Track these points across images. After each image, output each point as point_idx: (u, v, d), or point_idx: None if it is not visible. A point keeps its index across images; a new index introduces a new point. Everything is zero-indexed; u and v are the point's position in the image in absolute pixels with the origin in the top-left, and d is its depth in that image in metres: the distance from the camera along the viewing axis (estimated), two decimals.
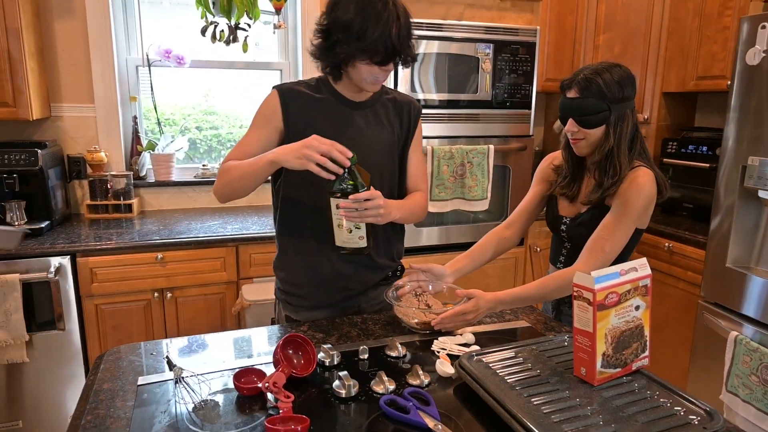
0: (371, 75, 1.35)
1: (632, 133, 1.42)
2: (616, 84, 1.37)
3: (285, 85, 1.45)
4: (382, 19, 1.27)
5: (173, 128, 2.97)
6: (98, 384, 1.10)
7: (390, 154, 1.50)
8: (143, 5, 2.75)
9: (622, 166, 1.40)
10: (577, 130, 1.41)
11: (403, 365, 1.19)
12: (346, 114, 1.45)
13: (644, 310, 1.07)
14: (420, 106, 1.56)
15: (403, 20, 1.31)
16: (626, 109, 1.40)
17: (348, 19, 1.28)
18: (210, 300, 2.39)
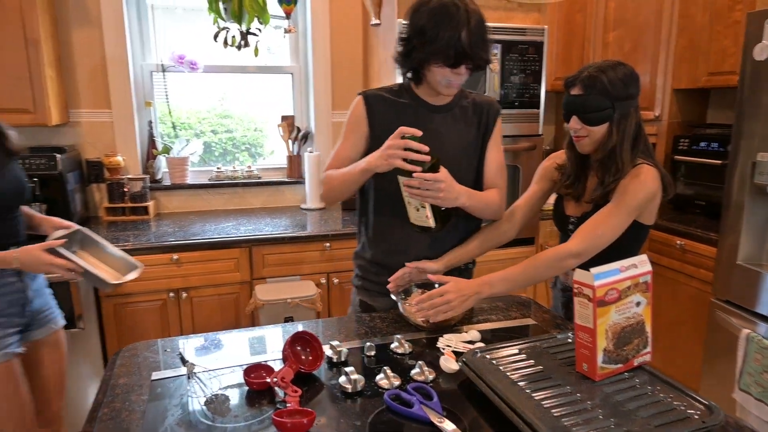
0: (444, 78, 1.41)
1: (636, 131, 1.42)
2: (620, 82, 1.37)
3: (369, 92, 1.54)
4: (452, 23, 1.32)
5: (188, 132, 3.03)
6: (114, 379, 1.15)
7: (467, 154, 1.55)
8: (157, 13, 2.82)
9: (625, 164, 1.41)
10: (580, 127, 1.43)
11: (409, 362, 1.22)
12: (426, 117, 1.51)
13: (645, 307, 1.08)
14: (499, 106, 1.59)
15: (474, 25, 1.34)
16: (630, 107, 1.40)
17: (422, 24, 1.36)
18: (224, 300, 2.44)
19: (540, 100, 2.74)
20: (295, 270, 2.52)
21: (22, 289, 1.56)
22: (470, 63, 1.38)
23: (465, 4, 1.35)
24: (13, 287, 1.53)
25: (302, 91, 3.15)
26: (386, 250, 1.58)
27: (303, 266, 2.52)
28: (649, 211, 1.44)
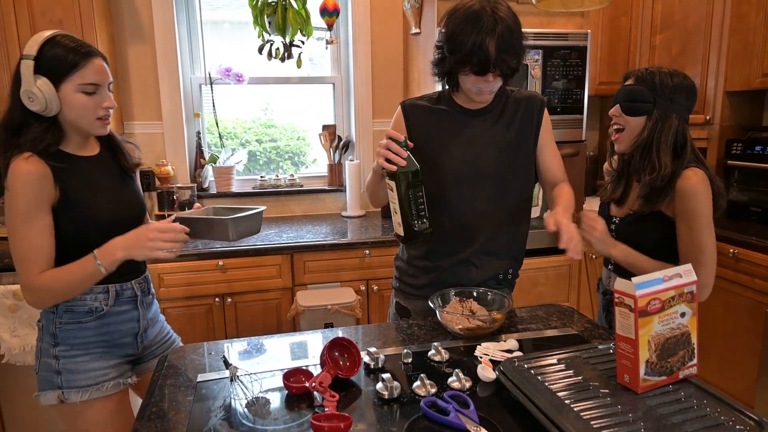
0: (474, 86, 1.40)
1: (675, 138, 1.43)
2: (670, 85, 1.41)
3: (408, 101, 1.58)
4: (477, 30, 1.31)
5: (234, 141, 3.13)
6: (162, 380, 1.20)
7: (509, 154, 1.52)
8: (206, 28, 2.93)
9: (662, 166, 1.41)
10: (619, 115, 1.47)
11: (446, 369, 1.22)
12: (461, 122, 1.52)
13: (690, 317, 1.05)
14: (542, 98, 1.55)
15: (502, 31, 1.31)
16: (672, 112, 1.42)
17: (450, 33, 1.37)
18: (267, 305, 2.50)
19: (583, 106, 2.69)
20: (336, 277, 2.55)
21: (136, 318, 1.45)
22: (497, 71, 1.36)
23: (495, 10, 1.32)
24: (126, 316, 1.43)
25: (343, 101, 3.20)
26: (421, 252, 1.59)
27: (343, 273, 2.55)
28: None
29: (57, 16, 2.33)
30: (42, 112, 1.24)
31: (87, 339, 1.37)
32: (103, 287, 1.37)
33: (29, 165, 1.22)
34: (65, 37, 1.26)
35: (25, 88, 1.21)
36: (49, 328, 1.36)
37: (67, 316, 1.35)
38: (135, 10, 2.73)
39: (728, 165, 2.73)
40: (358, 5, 2.98)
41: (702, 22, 2.76)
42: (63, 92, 1.24)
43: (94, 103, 1.28)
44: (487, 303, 1.46)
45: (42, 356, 1.37)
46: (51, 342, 1.36)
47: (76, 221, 1.30)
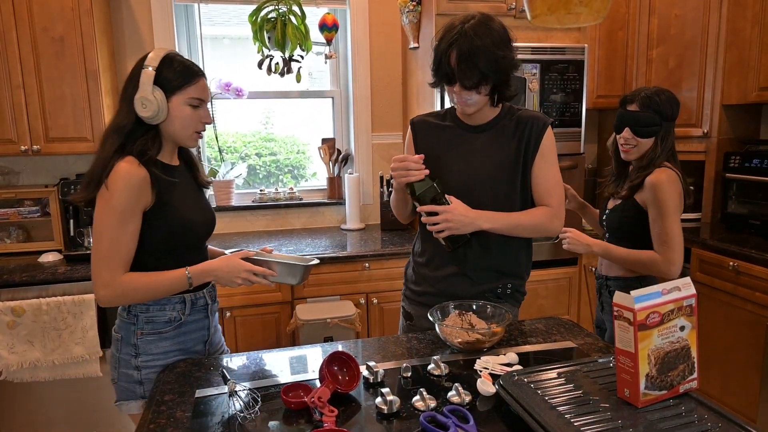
0: (451, 96, 1.46)
1: (672, 146, 1.76)
2: (668, 104, 1.71)
3: (417, 118, 1.65)
4: (443, 44, 1.37)
5: (233, 155, 3.14)
6: (160, 395, 1.19)
7: (506, 170, 1.52)
8: (205, 43, 2.95)
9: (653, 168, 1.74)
10: (631, 137, 1.75)
11: (445, 383, 1.21)
12: (463, 137, 1.56)
13: (690, 331, 1.05)
14: (546, 119, 1.53)
15: (462, 45, 1.34)
16: (672, 126, 1.75)
17: (436, 41, 1.44)
18: (266, 319, 2.49)
19: (581, 119, 2.70)
20: (335, 290, 2.55)
21: (206, 325, 1.49)
22: (457, 83, 1.39)
23: (465, 23, 1.36)
24: (199, 324, 1.47)
25: (342, 115, 3.22)
26: (426, 261, 1.64)
27: (342, 286, 2.55)
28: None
29: (58, 33, 2.36)
30: (150, 119, 1.32)
31: (166, 349, 1.41)
32: (179, 297, 1.41)
33: (133, 168, 1.28)
34: (179, 56, 1.39)
35: (142, 94, 1.30)
36: (130, 340, 1.39)
37: (149, 327, 1.39)
38: (135, 25, 2.76)
39: (726, 178, 2.74)
40: (357, 20, 3.01)
41: (698, 36, 2.78)
42: (173, 103, 1.34)
43: (197, 116, 1.39)
44: (487, 316, 1.46)
45: (121, 367, 1.40)
46: (132, 353, 1.39)
47: (169, 225, 1.36)
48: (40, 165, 2.71)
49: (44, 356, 2.19)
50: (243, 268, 1.36)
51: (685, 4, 2.80)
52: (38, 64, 2.36)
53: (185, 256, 1.41)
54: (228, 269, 1.36)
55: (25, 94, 2.37)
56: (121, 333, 1.40)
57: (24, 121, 2.39)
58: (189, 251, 1.43)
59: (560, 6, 0.92)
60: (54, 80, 2.39)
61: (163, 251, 1.38)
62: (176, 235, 1.38)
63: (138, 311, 1.39)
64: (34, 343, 2.19)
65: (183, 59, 1.38)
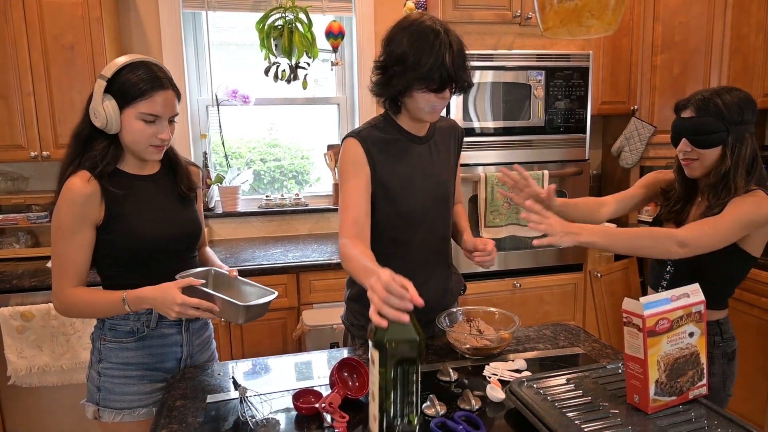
0: (429, 104, 1.37)
1: (752, 157, 1.40)
2: (735, 105, 1.36)
3: (362, 133, 1.45)
4: (435, 48, 1.31)
5: (239, 161, 3.16)
6: (172, 401, 1.20)
7: (451, 182, 1.58)
8: (213, 49, 2.98)
9: (738, 189, 1.38)
10: (691, 150, 1.43)
11: (454, 389, 1.22)
12: (417, 151, 1.49)
13: (699, 337, 1.05)
14: (461, 127, 1.65)
15: (455, 48, 1.35)
16: (745, 132, 1.38)
17: (402, 51, 1.34)
18: (273, 325, 2.49)
19: (586, 125, 2.71)
20: (341, 296, 2.54)
21: (179, 342, 1.43)
22: (455, 86, 1.38)
23: (445, 29, 1.35)
24: (170, 339, 1.42)
25: (348, 121, 3.24)
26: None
27: None
28: (758, 237, 1.41)
29: (69, 41, 2.38)
30: (105, 129, 1.29)
31: (128, 359, 1.38)
32: (147, 309, 1.34)
33: (79, 184, 1.27)
34: (144, 66, 1.30)
35: (93, 105, 1.28)
36: (96, 344, 1.41)
37: (111, 334, 1.38)
38: (143, 32, 2.79)
39: None
40: (362, 28, 3.03)
41: (702, 43, 2.80)
42: (125, 116, 1.29)
43: (151, 132, 1.31)
44: (495, 322, 1.46)
45: (90, 368, 1.42)
46: (96, 357, 1.40)
47: (122, 238, 1.33)
48: (49, 171, 2.73)
49: (53, 361, 2.21)
50: (176, 301, 1.21)
51: (689, 11, 2.81)
52: (48, 71, 2.39)
53: (152, 269, 1.36)
54: (162, 300, 1.24)
55: (35, 101, 2.39)
56: (93, 335, 1.43)
57: (34, 128, 2.41)
58: (156, 263, 1.37)
59: (572, 19, 0.93)
60: (64, 87, 2.41)
61: (119, 264, 1.35)
62: (127, 249, 1.33)
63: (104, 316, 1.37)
64: (43, 347, 2.20)
65: (144, 71, 1.29)
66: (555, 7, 0.95)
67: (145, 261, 1.36)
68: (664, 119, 2.96)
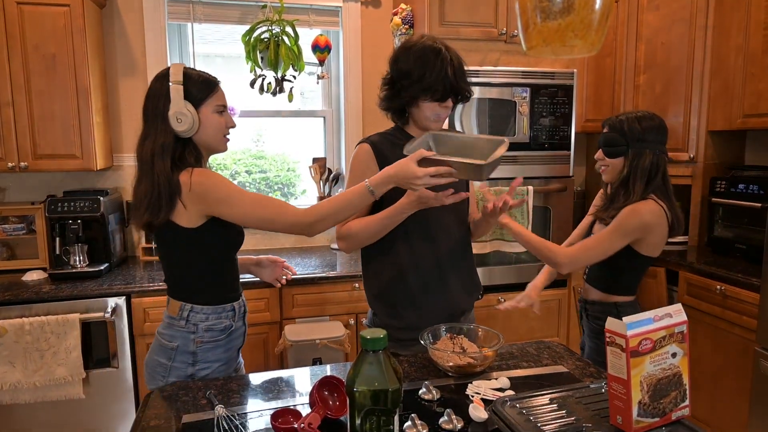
0: (433, 113, 1.54)
1: (650, 170, 1.70)
2: (638, 127, 1.70)
3: (372, 137, 1.63)
4: (438, 63, 1.48)
5: (224, 172, 3.13)
6: (146, 421, 1.16)
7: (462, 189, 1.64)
8: (198, 61, 2.96)
9: (634, 194, 1.70)
10: (602, 158, 1.79)
11: (437, 409, 1.20)
12: None
13: (682, 358, 1.05)
14: None
15: (456, 63, 1.51)
16: (646, 148, 1.70)
17: (408, 68, 1.51)
18: (254, 339, 2.45)
19: (570, 142, 2.74)
20: (324, 310, 2.53)
21: (243, 332, 1.56)
22: (457, 95, 1.54)
23: (445, 47, 1.52)
24: (240, 331, 1.54)
25: (334, 134, 3.24)
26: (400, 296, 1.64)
27: (332, 306, 2.53)
28: (647, 242, 1.70)
29: (50, 51, 2.35)
30: (185, 133, 1.37)
31: (218, 356, 1.47)
32: (230, 305, 1.49)
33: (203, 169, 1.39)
34: (193, 69, 1.44)
35: (176, 109, 1.35)
36: (188, 348, 1.44)
37: (209, 335, 1.45)
38: (128, 44, 2.76)
39: (712, 202, 2.78)
40: (349, 42, 3.04)
41: (684, 64, 2.85)
42: (203, 113, 1.40)
43: (224, 121, 1.46)
44: (478, 339, 1.45)
45: (171, 376, 1.43)
46: (189, 361, 1.43)
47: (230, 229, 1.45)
48: (27, 182, 2.68)
49: (25, 378, 2.14)
50: (417, 175, 1.24)
51: (670, 32, 2.87)
52: (29, 81, 2.35)
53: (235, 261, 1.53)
54: (404, 176, 1.27)
55: (15, 111, 2.35)
56: (178, 342, 1.44)
57: (12, 138, 2.36)
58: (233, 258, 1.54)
59: (556, 38, 0.94)
60: (44, 97, 2.38)
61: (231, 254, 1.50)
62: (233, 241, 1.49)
63: (198, 320, 1.44)
64: (15, 364, 2.13)
65: (198, 71, 1.44)
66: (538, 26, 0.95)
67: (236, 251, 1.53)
68: None
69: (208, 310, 1.45)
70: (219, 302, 1.47)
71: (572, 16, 0.89)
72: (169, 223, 1.38)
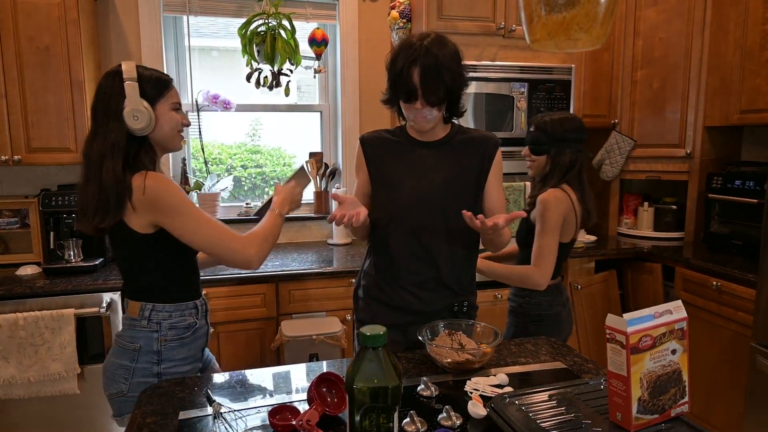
0: (409, 113, 1.47)
1: (568, 166, 1.85)
2: (560, 128, 1.85)
3: (367, 134, 1.65)
4: (402, 58, 1.38)
5: (219, 167, 3.11)
6: (142, 417, 1.15)
7: (457, 187, 1.56)
8: (193, 54, 2.94)
9: (548, 186, 1.85)
10: (528, 155, 1.94)
11: (435, 405, 1.19)
12: (414, 152, 1.57)
13: (681, 354, 1.05)
14: (497, 140, 1.60)
15: (426, 62, 1.36)
16: (566, 148, 1.85)
17: (389, 60, 1.45)
18: (250, 335, 2.44)
19: None
20: (321, 306, 2.52)
21: (206, 331, 1.53)
22: (422, 99, 1.40)
23: (425, 41, 1.38)
24: (202, 330, 1.51)
25: (331, 129, 3.22)
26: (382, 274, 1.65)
27: (328, 302, 2.52)
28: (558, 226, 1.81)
29: (44, 42, 2.32)
30: (141, 131, 1.34)
31: (184, 355, 1.45)
32: (192, 303, 1.48)
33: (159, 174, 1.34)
34: (144, 66, 1.41)
35: (132, 107, 1.32)
36: (152, 347, 1.41)
37: (172, 333, 1.43)
38: (123, 36, 2.73)
39: (709, 198, 2.78)
40: (346, 36, 3.02)
41: (681, 60, 2.84)
42: (159, 110, 1.38)
43: (179, 119, 1.44)
44: (477, 336, 1.45)
45: (135, 377, 1.40)
46: (153, 360, 1.41)
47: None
48: (21, 175, 2.65)
49: (19, 373, 2.12)
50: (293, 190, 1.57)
51: (669, 28, 2.86)
52: (22, 73, 2.32)
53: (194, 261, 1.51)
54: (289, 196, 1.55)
55: (8, 103, 2.32)
56: (140, 342, 1.41)
57: (5, 131, 2.33)
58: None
59: (560, 32, 0.93)
60: (38, 90, 2.35)
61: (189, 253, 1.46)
62: None
63: (160, 318, 1.41)
64: (9, 359, 2.12)
65: (151, 69, 1.41)
66: (543, 19, 0.94)
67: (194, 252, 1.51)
68: (645, 133, 3.00)
69: (170, 308, 1.42)
70: (181, 300, 1.45)
71: (577, 9, 0.88)
72: (121, 225, 1.34)
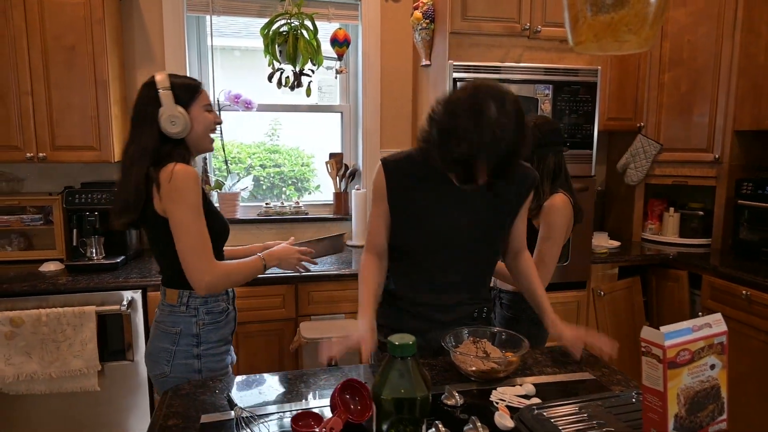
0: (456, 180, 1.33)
1: (554, 170, 1.82)
2: (539, 135, 1.78)
3: (390, 158, 1.47)
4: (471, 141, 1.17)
5: (239, 166, 3.11)
6: (164, 420, 1.15)
7: (488, 225, 1.48)
8: (216, 54, 2.94)
9: (544, 194, 1.81)
10: None
11: (460, 415, 1.17)
12: (442, 185, 1.40)
13: (720, 370, 1.01)
14: (536, 176, 1.51)
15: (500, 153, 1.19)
16: (548, 152, 1.81)
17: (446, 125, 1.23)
18: (269, 336, 2.44)
19: (593, 141, 2.68)
20: (340, 308, 2.50)
21: (234, 317, 1.63)
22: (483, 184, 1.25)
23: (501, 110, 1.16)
24: (232, 314, 1.61)
25: (351, 130, 3.20)
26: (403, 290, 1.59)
27: (347, 304, 2.50)
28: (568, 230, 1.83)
29: (70, 42, 2.34)
30: (179, 134, 1.44)
31: (219, 338, 1.54)
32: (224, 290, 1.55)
33: (190, 167, 1.40)
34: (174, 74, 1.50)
35: (169, 113, 1.42)
36: (191, 330, 1.49)
37: (209, 317, 1.51)
38: (146, 35, 2.75)
39: (738, 204, 2.71)
40: (368, 36, 3.00)
41: (710, 62, 2.77)
42: (193, 113, 1.47)
43: (213, 118, 1.54)
44: (503, 344, 1.41)
45: (177, 359, 1.48)
46: (193, 342, 1.49)
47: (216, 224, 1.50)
48: (45, 173, 2.68)
49: (41, 369, 2.14)
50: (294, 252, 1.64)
51: (697, 30, 2.79)
52: (48, 71, 2.34)
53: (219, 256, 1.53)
54: (285, 254, 1.63)
55: (33, 101, 2.35)
56: (180, 326, 1.48)
57: (30, 128, 2.36)
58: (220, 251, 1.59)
59: (607, 33, 0.88)
60: (63, 88, 2.37)
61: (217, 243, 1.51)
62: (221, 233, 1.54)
63: (197, 304, 1.49)
64: (32, 354, 2.14)
65: (181, 76, 1.51)
66: (588, 20, 0.90)
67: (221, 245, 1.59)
68: (671, 137, 2.94)
69: (205, 295, 1.50)
70: None
71: (626, 9, 0.84)
72: (155, 215, 1.41)
